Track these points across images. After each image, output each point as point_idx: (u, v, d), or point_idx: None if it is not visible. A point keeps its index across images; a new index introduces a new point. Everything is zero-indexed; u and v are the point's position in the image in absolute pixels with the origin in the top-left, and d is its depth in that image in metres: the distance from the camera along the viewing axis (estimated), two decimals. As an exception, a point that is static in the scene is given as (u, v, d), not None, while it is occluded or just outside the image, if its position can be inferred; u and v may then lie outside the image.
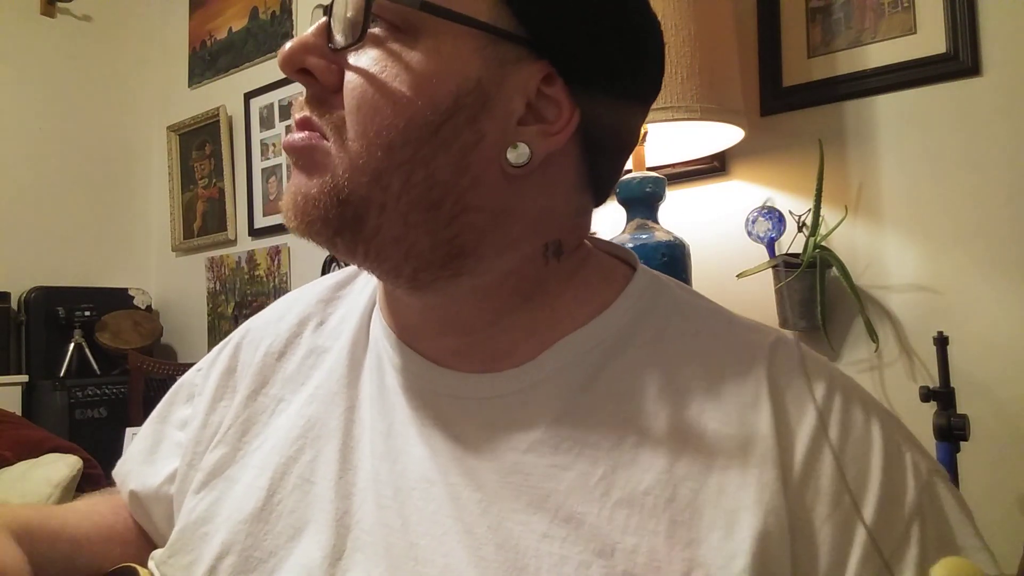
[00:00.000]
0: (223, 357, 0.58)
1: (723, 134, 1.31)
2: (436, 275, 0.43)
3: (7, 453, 1.56)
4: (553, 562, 0.39)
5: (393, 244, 0.42)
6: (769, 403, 0.41)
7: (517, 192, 0.43)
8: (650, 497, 0.39)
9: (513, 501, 0.41)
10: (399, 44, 0.40)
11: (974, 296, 1.22)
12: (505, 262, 0.44)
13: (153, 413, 0.61)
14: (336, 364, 0.51)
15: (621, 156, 0.50)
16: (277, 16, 2.42)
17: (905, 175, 1.30)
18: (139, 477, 0.58)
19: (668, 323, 0.46)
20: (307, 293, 0.58)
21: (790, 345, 0.45)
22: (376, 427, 0.47)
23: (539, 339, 0.45)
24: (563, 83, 0.43)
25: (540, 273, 0.46)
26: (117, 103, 2.79)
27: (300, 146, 0.42)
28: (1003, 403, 1.17)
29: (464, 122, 0.40)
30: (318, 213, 0.41)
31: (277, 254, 2.36)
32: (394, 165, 0.40)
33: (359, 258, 0.43)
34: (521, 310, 0.46)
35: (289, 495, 0.47)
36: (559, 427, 0.43)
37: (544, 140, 0.42)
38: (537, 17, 0.41)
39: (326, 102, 0.42)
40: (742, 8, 1.44)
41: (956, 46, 1.23)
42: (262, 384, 0.53)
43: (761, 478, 0.39)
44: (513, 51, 0.41)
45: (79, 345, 2.41)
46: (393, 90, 0.40)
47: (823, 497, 0.39)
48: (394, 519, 0.43)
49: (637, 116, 0.49)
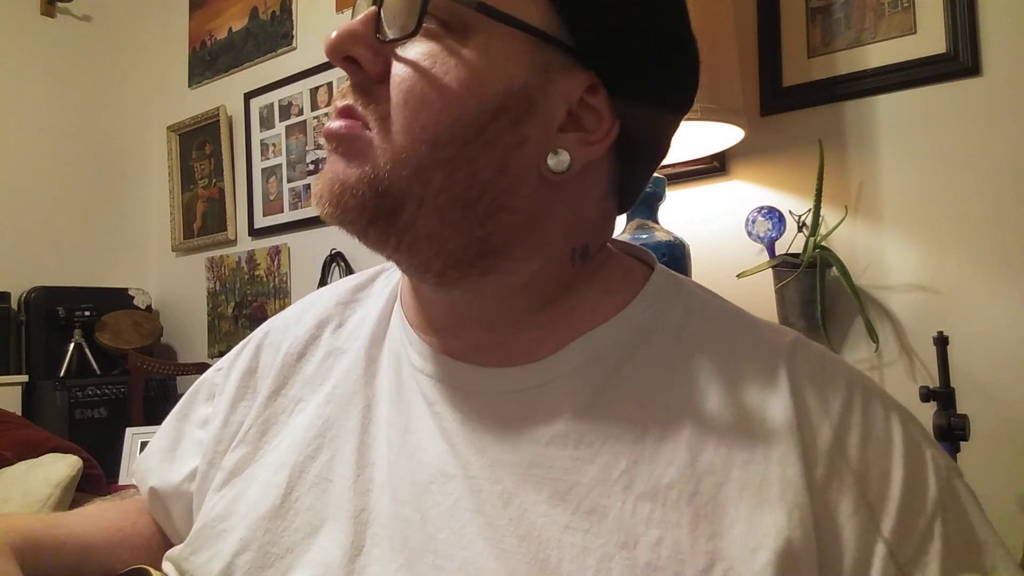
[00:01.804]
0: (244, 357, 0.58)
1: (723, 134, 1.31)
2: (465, 272, 0.44)
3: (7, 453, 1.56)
4: (575, 553, 0.39)
5: (426, 239, 0.42)
6: (791, 400, 0.42)
7: (552, 197, 0.43)
8: (673, 491, 0.40)
9: (535, 493, 0.41)
10: (450, 41, 0.41)
11: (974, 296, 1.22)
12: (534, 264, 0.45)
13: (173, 411, 0.62)
14: (354, 364, 0.52)
15: (652, 167, 0.51)
16: (277, 16, 2.42)
17: (905, 175, 1.30)
18: (160, 474, 0.58)
19: (687, 321, 0.47)
20: (326, 295, 0.59)
21: (809, 344, 0.46)
22: (393, 424, 0.48)
23: (559, 335, 0.46)
24: (606, 94, 0.43)
25: (565, 275, 0.46)
26: (117, 103, 2.79)
27: (342, 134, 0.42)
28: (1003, 403, 1.17)
29: (508, 124, 0.41)
30: (355, 202, 0.41)
31: (277, 254, 2.36)
32: (438, 161, 0.40)
33: (389, 249, 0.43)
34: (543, 310, 0.46)
35: (307, 493, 0.47)
36: (580, 421, 0.43)
37: (583, 149, 0.43)
38: (587, 27, 0.42)
39: (371, 92, 0.42)
40: (742, 8, 1.43)
41: (956, 46, 1.23)
42: (282, 385, 0.54)
43: (784, 474, 0.39)
44: (560, 58, 0.42)
45: (79, 345, 2.41)
46: (443, 85, 0.40)
47: (847, 494, 0.39)
48: (412, 514, 0.43)
49: (672, 129, 0.49)
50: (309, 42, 2.31)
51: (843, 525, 0.38)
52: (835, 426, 0.41)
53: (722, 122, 1.22)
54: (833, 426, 0.41)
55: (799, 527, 0.37)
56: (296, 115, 2.32)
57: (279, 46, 2.39)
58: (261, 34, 2.47)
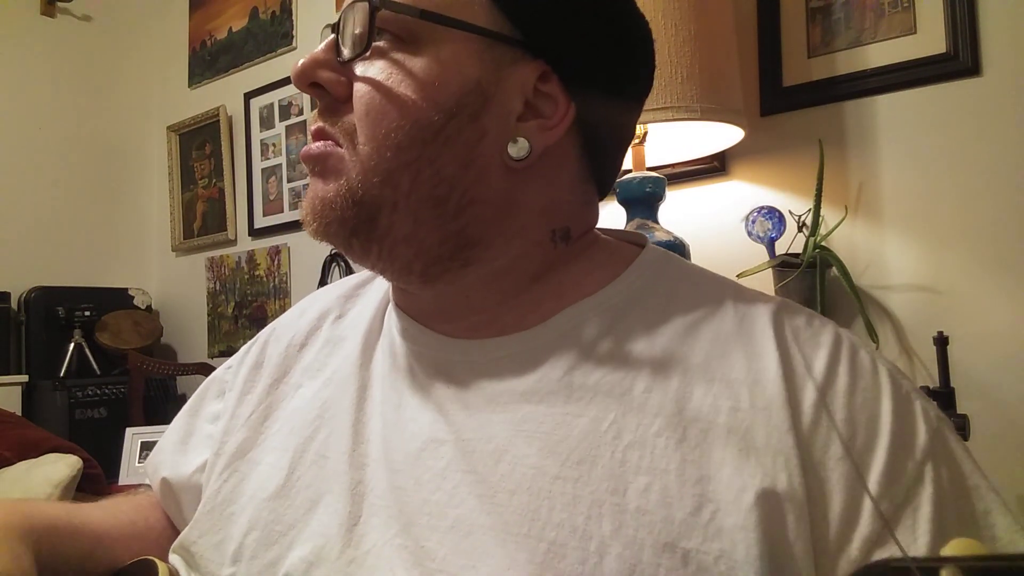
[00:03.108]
0: (251, 354, 0.61)
1: (723, 134, 1.31)
2: (446, 267, 0.46)
3: (7, 453, 1.56)
4: (566, 501, 0.40)
5: (404, 242, 0.45)
6: (776, 352, 0.43)
7: (520, 184, 0.46)
8: (661, 439, 0.41)
9: (526, 447, 0.43)
10: (403, 53, 0.44)
11: (974, 296, 1.22)
12: (513, 248, 0.47)
13: (184, 407, 0.64)
14: (351, 351, 0.54)
15: (619, 148, 0.53)
16: (277, 16, 2.42)
17: (905, 175, 1.30)
18: (172, 466, 0.60)
19: (677, 288, 0.49)
20: (329, 291, 0.62)
21: (797, 306, 0.48)
22: (388, 400, 0.50)
23: (548, 307, 0.48)
24: (558, 80, 0.46)
25: (548, 256, 0.48)
26: (117, 103, 2.79)
27: (316, 154, 0.46)
28: (1003, 403, 1.17)
29: (466, 120, 0.44)
30: (335, 215, 0.44)
31: (277, 254, 2.36)
32: (403, 164, 0.43)
33: (372, 258, 0.46)
34: (530, 288, 0.48)
35: (307, 471, 0.49)
36: (570, 378, 0.44)
37: (543, 134, 0.45)
38: (530, 20, 0.45)
39: (337, 111, 0.45)
40: (742, 8, 1.44)
41: (956, 46, 1.23)
42: (283, 374, 0.57)
43: (770, 420, 0.40)
44: (509, 53, 0.45)
45: (79, 345, 2.41)
46: (398, 95, 0.43)
47: (834, 440, 0.40)
48: (406, 481, 0.45)
49: (632, 110, 0.52)
50: (309, 42, 2.31)
51: (831, 469, 0.39)
52: (822, 375, 0.42)
53: (722, 122, 1.22)
54: (820, 374, 0.42)
55: (784, 471, 0.38)
56: (296, 115, 2.32)
57: (279, 46, 2.39)
58: (261, 34, 2.47)
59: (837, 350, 0.43)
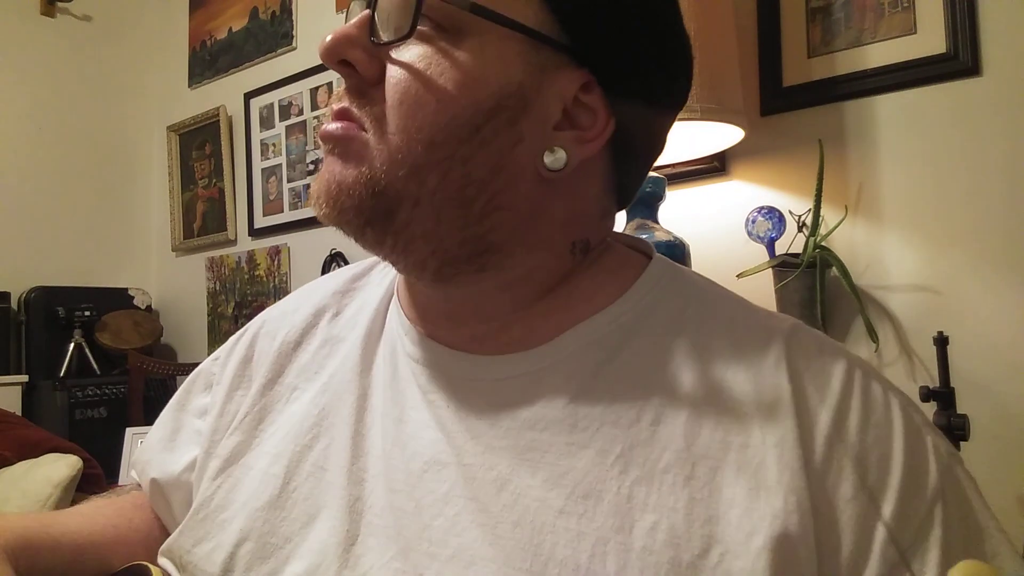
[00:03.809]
0: (240, 347, 0.58)
1: (723, 134, 1.31)
2: (461, 269, 0.44)
3: (7, 453, 1.56)
4: (570, 538, 0.39)
5: (422, 238, 0.43)
6: (788, 384, 0.41)
7: (548, 194, 0.44)
8: (669, 475, 0.39)
9: (530, 478, 0.41)
10: (445, 43, 0.41)
11: (974, 296, 1.22)
12: (532, 259, 0.45)
13: (171, 402, 0.62)
14: (350, 353, 0.52)
15: (649, 163, 0.51)
16: (277, 16, 2.42)
17: (905, 175, 1.30)
18: (160, 465, 0.58)
19: (685, 307, 0.47)
20: (323, 285, 0.59)
21: (807, 329, 0.46)
22: (388, 413, 0.48)
23: (556, 323, 0.46)
24: (601, 92, 0.43)
25: (564, 267, 0.47)
26: (117, 103, 2.79)
27: (339, 135, 0.43)
28: (1003, 403, 1.17)
29: (504, 123, 0.41)
30: (352, 203, 0.42)
31: (277, 254, 2.36)
32: (433, 161, 0.41)
33: (386, 249, 0.44)
34: (541, 299, 0.47)
35: (304, 482, 0.47)
36: (576, 406, 0.43)
37: (579, 146, 0.43)
38: (581, 26, 0.42)
39: (366, 94, 0.42)
40: (742, 8, 1.43)
41: (956, 46, 1.23)
42: (278, 374, 0.54)
43: (781, 459, 0.39)
44: (554, 57, 0.42)
45: (79, 345, 2.41)
46: (438, 87, 0.40)
47: (846, 478, 0.39)
48: (406, 502, 0.43)
49: (666, 126, 0.50)
50: (309, 42, 2.31)
51: (842, 510, 0.38)
52: (834, 410, 0.41)
53: (722, 122, 1.22)
54: (832, 410, 0.41)
55: (796, 511, 0.37)
56: (296, 115, 2.32)
57: (279, 46, 2.39)
58: (261, 34, 2.47)
59: (849, 383, 0.42)
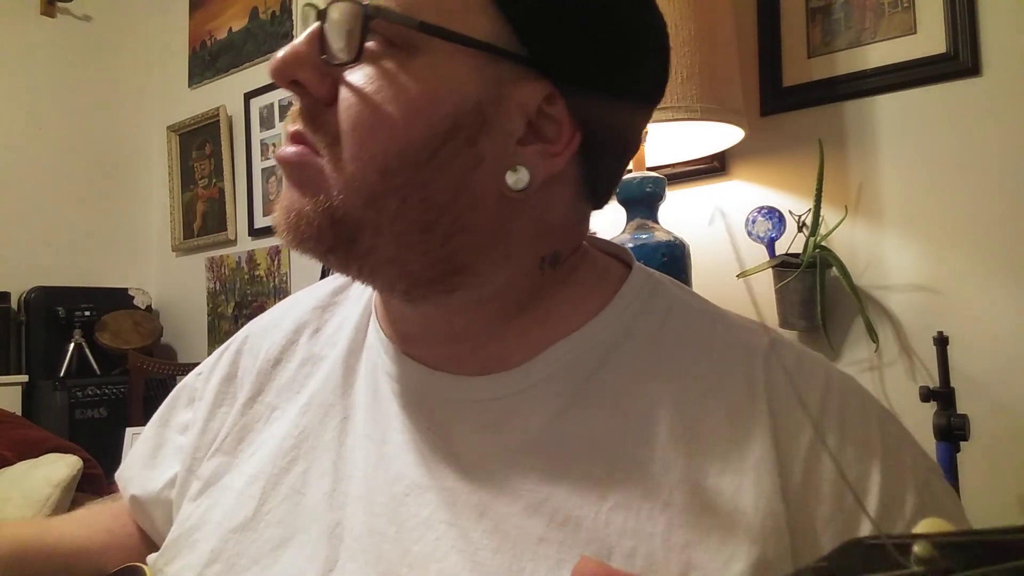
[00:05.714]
0: (223, 363, 0.58)
1: (723, 134, 1.31)
2: (430, 290, 0.43)
3: (7, 453, 1.56)
4: (550, 565, 0.38)
5: (387, 263, 0.41)
6: (766, 405, 0.41)
7: (515, 212, 0.42)
8: (647, 501, 0.39)
9: (510, 505, 0.41)
10: (395, 61, 0.39)
11: (974, 296, 1.22)
12: (501, 277, 0.44)
13: (154, 416, 0.61)
14: (331, 373, 0.51)
15: (624, 161, 0.49)
16: (277, 16, 2.42)
17: (905, 175, 1.30)
18: (141, 482, 0.58)
19: (664, 324, 0.46)
20: (303, 300, 0.58)
21: (786, 347, 0.46)
22: (370, 435, 0.47)
23: (535, 341, 0.45)
24: (564, 104, 0.41)
25: (535, 283, 0.45)
26: (117, 103, 2.79)
27: (293, 161, 0.41)
28: (1003, 403, 1.17)
29: (462, 144, 0.39)
30: (311, 232, 0.40)
31: (277, 254, 2.36)
32: (391, 188, 0.39)
33: (352, 273, 0.43)
34: (516, 317, 0.46)
35: (279, 505, 0.46)
36: (556, 429, 0.42)
37: (544, 161, 0.41)
38: (540, 36, 0.40)
39: (319, 116, 0.41)
40: (742, 8, 1.43)
41: (956, 46, 1.23)
42: (258, 392, 0.53)
43: (759, 482, 0.39)
44: (513, 69, 0.40)
45: (79, 345, 2.41)
46: (389, 113, 0.39)
47: (825, 500, 0.39)
48: (387, 527, 0.43)
49: (640, 127, 0.49)
50: (309, 42, 2.31)
51: (821, 532, 0.38)
52: (811, 432, 0.41)
53: (722, 122, 1.22)
54: (810, 431, 0.41)
55: (773, 535, 0.37)
56: (296, 115, 2.33)
57: (279, 46, 2.36)
58: (261, 34, 2.47)
59: (826, 402, 0.42)
